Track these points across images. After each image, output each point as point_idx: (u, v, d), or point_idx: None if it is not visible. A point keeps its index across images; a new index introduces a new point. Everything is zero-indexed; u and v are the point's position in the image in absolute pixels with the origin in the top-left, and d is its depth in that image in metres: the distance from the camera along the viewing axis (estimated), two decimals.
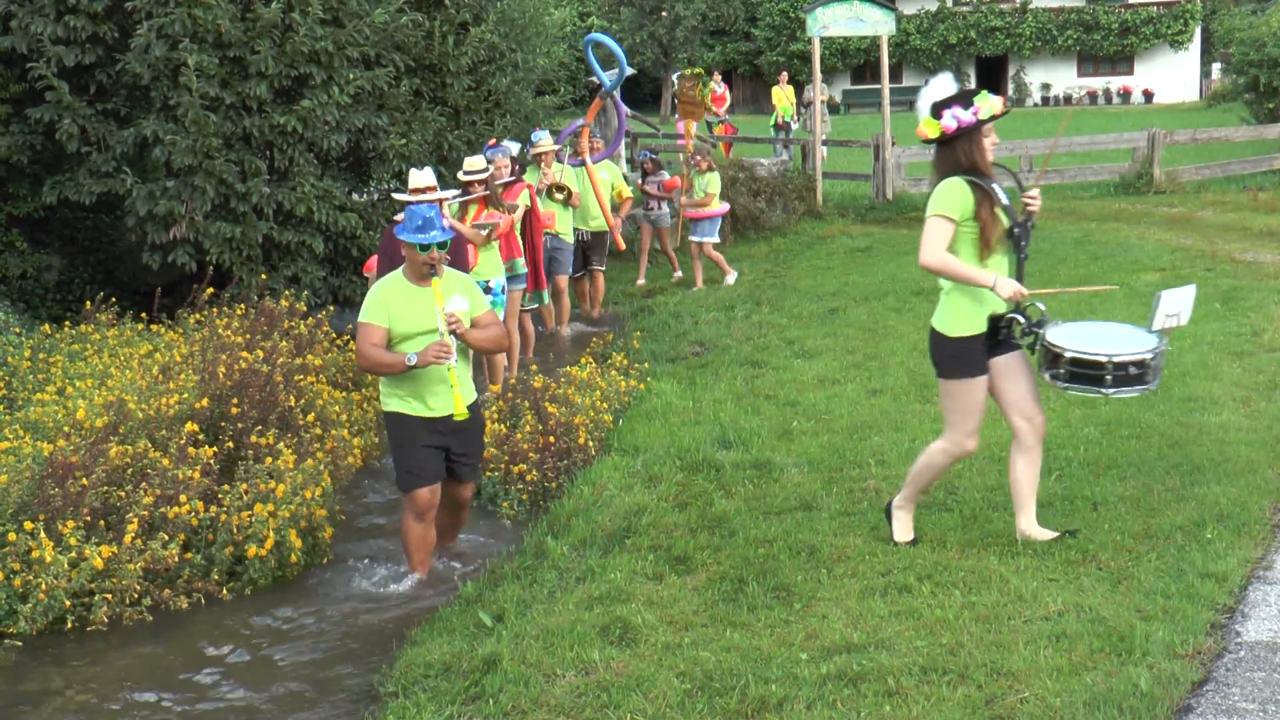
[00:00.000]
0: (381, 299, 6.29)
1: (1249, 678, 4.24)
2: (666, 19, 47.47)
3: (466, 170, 9.62)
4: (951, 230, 5.49)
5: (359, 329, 6.27)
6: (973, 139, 5.59)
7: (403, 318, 6.25)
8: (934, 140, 5.58)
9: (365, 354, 6.25)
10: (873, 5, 18.35)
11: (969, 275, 5.48)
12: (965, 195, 5.48)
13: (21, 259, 11.74)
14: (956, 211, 5.47)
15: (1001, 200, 5.54)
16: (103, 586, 6.01)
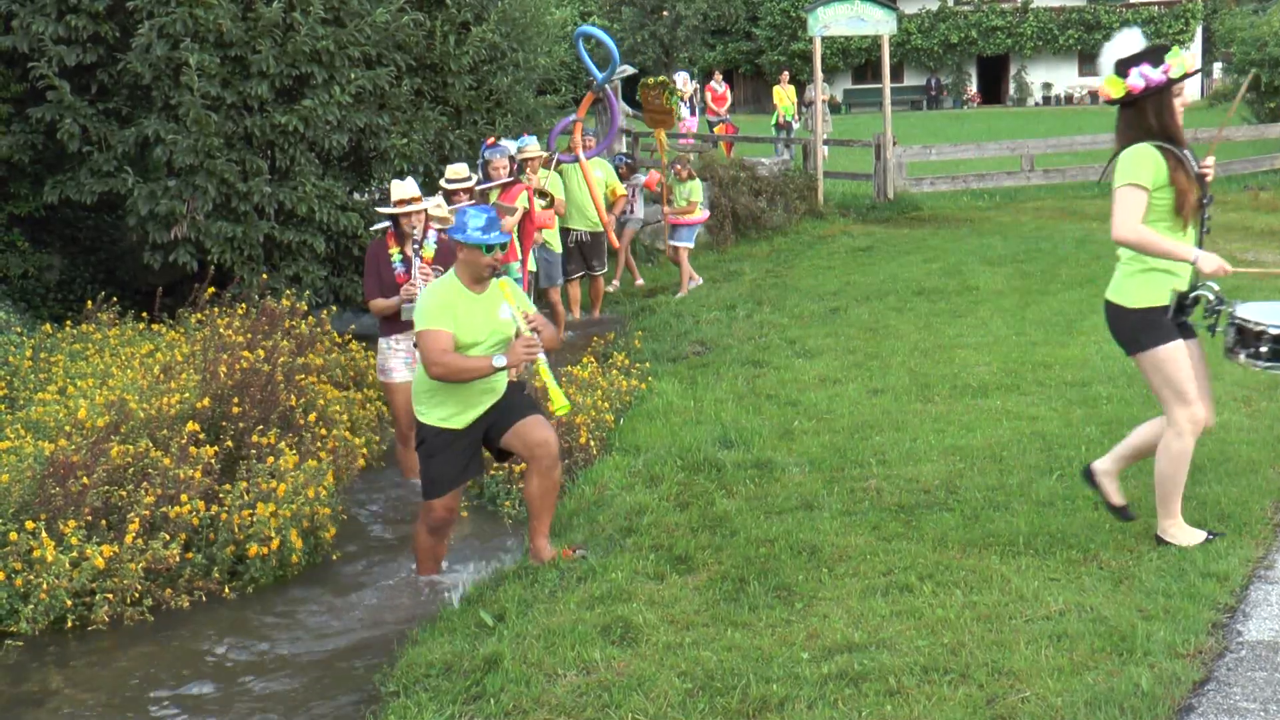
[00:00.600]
0: (444, 303, 5.94)
1: (1250, 677, 4.24)
2: (667, 18, 47.46)
3: (449, 179, 9.17)
4: (1144, 200, 5.15)
5: (424, 338, 5.90)
6: (1162, 100, 5.30)
7: (466, 326, 5.94)
8: (1118, 101, 5.25)
9: (441, 361, 5.83)
10: (874, 5, 18.35)
11: (1169, 249, 5.13)
12: (1158, 162, 5.20)
13: (23, 258, 11.74)
14: (1149, 179, 5.16)
15: (1194, 167, 5.22)
16: (104, 586, 6.02)
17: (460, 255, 6.03)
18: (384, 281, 7.71)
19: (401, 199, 7.67)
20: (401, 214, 7.66)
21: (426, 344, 5.91)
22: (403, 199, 7.67)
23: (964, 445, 7.22)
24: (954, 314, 11.20)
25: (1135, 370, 8.62)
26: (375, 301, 7.77)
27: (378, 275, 7.71)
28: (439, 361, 5.86)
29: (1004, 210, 18.49)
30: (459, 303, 5.96)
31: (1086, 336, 9.93)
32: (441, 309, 5.93)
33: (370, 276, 7.79)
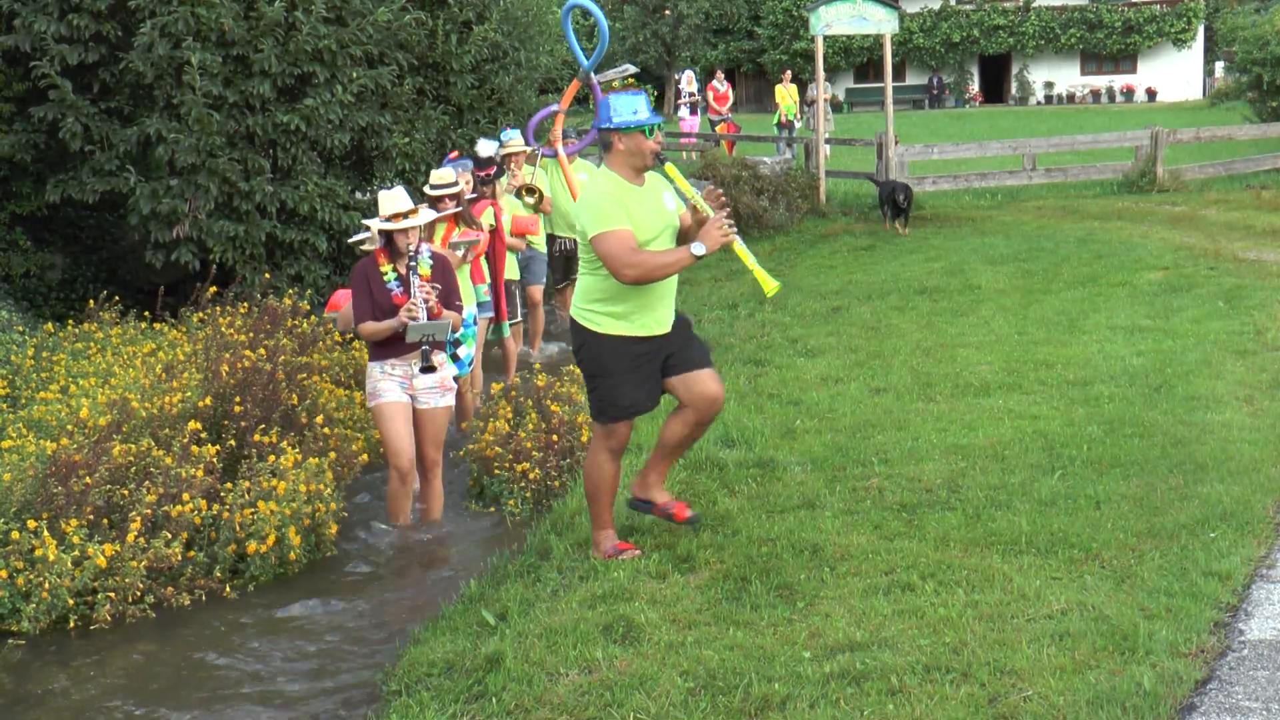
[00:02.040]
0: (616, 200, 5.49)
1: (1252, 676, 4.24)
2: (670, 17, 47.47)
3: (434, 184, 8.45)
4: None
5: (608, 240, 5.42)
6: None
7: (641, 222, 5.51)
8: None
9: (634, 261, 5.39)
10: (876, 4, 18.34)
11: None
12: None
13: (25, 258, 11.76)
14: None
15: None
16: (106, 585, 6.02)
17: (619, 145, 5.59)
18: (378, 303, 6.98)
19: (395, 213, 6.98)
20: (396, 229, 6.97)
21: (613, 246, 5.43)
22: (396, 213, 6.98)
23: (966, 444, 7.21)
24: (956, 313, 11.20)
25: (1137, 369, 8.64)
26: (366, 325, 6.97)
27: (369, 296, 6.97)
28: (633, 262, 5.42)
29: (1006, 209, 18.47)
30: (627, 198, 5.54)
31: (1088, 335, 9.92)
32: (616, 206, 5.48)
33: (360, 297, 7.01)
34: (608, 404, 5.74)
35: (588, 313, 5.70)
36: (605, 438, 5.81)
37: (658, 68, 48.25)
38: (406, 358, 6.98)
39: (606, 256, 5.48)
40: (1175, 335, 9.70)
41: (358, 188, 12.55)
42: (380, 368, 7.04)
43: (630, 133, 5.57)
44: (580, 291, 5.78)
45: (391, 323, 6.91)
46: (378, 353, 7.04)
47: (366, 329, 6.99)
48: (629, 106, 5.59)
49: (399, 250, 7.04)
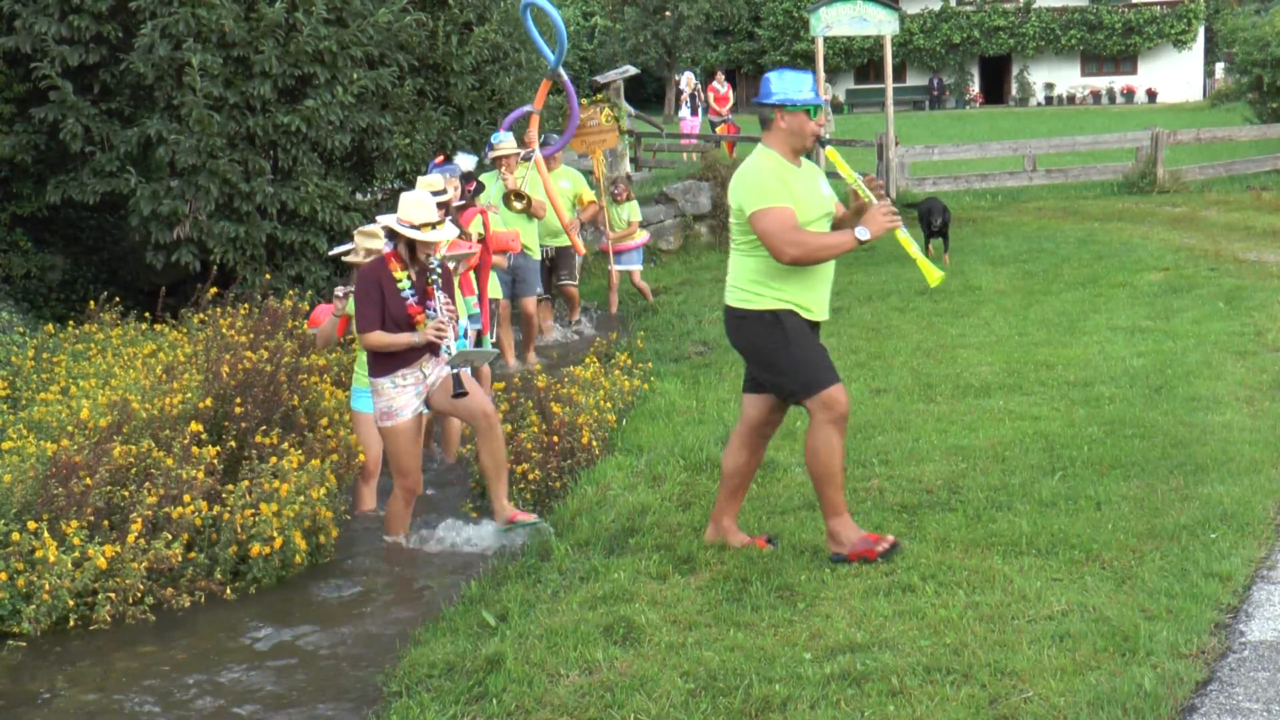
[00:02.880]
0: (779, 177, 5.31)
1: (1253, 677, 4.24)
2: (670, 18, 47.47)
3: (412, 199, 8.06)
4: None
5: (769, 216, 5.24)
6: None
7: (802, 202, 5.33)
8: None
9: (797, 240, 5.20)
10: (876, 5, 18.35)
11: None
12: None
13: (25, 259, 11.76)
14: None
15: None
16: (106, 586, 6.02)
17: (780, 124, 5.41)
18: (391, 313, 6.51)
19: (425, 223, 6.52)
20: (422, 240, 6.54)
21: (775, 224, 5.24)
22: (426, 223, 6.53)
23: (966, 445, 7.21)
24: (956, 314, 11.20)
25: (1138, 370, 8.64)
26: (376, 335, 6.51)
27: (380, 304, 6.49)
28: (795, 240, 5.23)
29: (1006, 210, 18.48)
30: (788, 176, 5.35)
31: (1089, 336, 9.92)
32: (778, 183, 5.30)
33: (369, 305, 6.49)
34: (809, 372, 5.45)
35: (749, 293, 5.46)
36: (824, 410, 5.45)
37: (658, 69, 48.25)
38: (416, 364, 6.65)
39: (766, 234, 5.27)
40: (1176, 336, 9.69)
41: (358, 189, 12.55)
42: (391, 381, 6.61)
43: (794, 111, 5.38)
44: (737, 273, 5.54)
45: (410, 338, 6.54)
46: (384, 364, 6.61)
47: (376, 340, 6.52)
48: (796, 84, 5.39)
49: (416, 258, 6.63)
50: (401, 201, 6.61)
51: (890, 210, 5.35)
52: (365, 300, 6.53)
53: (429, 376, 6.73)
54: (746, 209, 5.35)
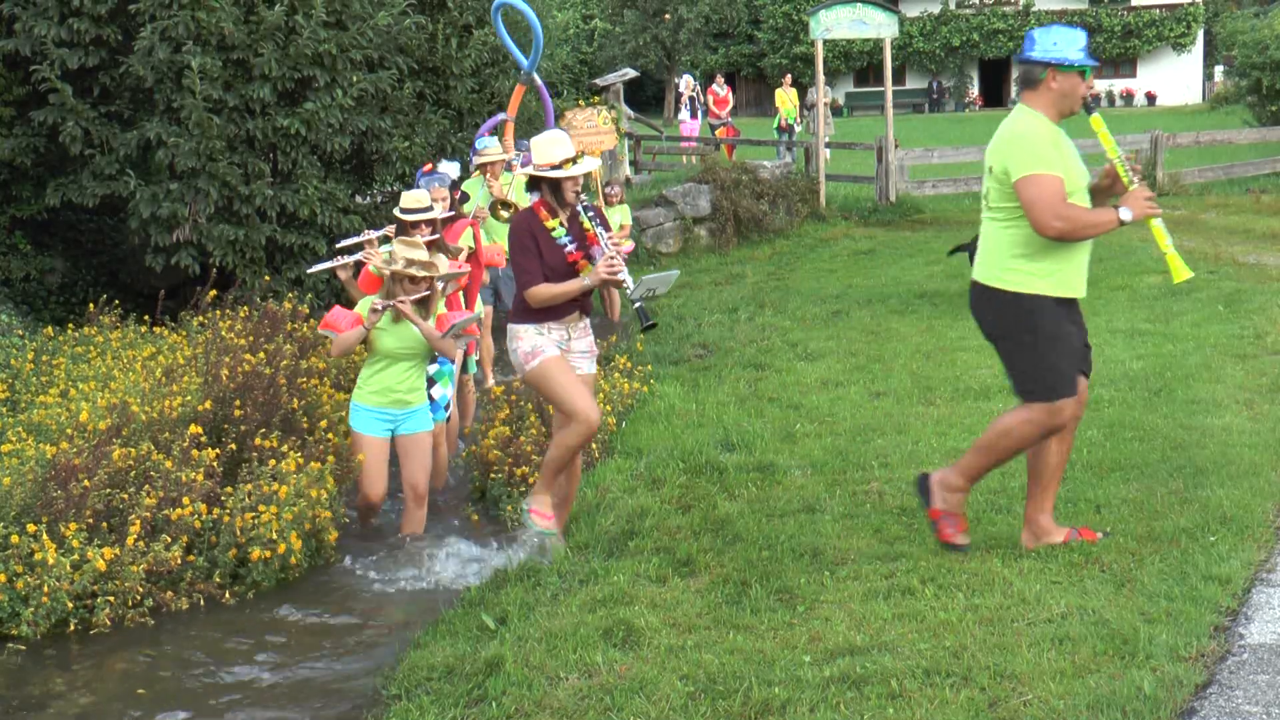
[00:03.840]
0: (1051, 142, 5.00)
1: (1252, 680, 4.24)
2: (670, 21, 47.51)
3: (406, 208, 7.55)
4: None
5: (1037, 182, 4.93)
6: None
7: (1071, 171, 5.05)
8: None
9: (1065, 215, 4.92)
10: (876, 8, 18.36)
11: None
12: None
13: (25, 261, 11.76)
14: None
15: None
16: (105, 588, 6.02)
17: (1052, 84, 5.10)
18: (548, 263, 6.08)
19: (565, 159, 6.09)
20: (566, 176, 6.07)
21: (1044, 192, 4.93)
22: (566, 159, 6.09)
23: (966, 448, 7.19)
24: (956, 316, 11.19)
25: (1137, 373, 8.64)
26: (543, 288, 6.04)
27: (538, 255, 6.05)
28: (1063, 214, 4.92)
29: None
30: (1061, 143, 5.04)
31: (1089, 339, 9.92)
32: (1052, 148, 4.98)
33: (529, 258, 6.05)
34: (1049, 378, 5.14)
35: (1007, 271, 5.12)
36: (1046, 416, 5.16)
37: (658, 72, 48.28)
38: (565, 321, 6.20)
39: (1033, 203, 4.93)
40: (1175, 339, 9.70)
41: (358, 192, 12.55)
42: (536, 329, 6.17)
43: (1068, 72, 5.05)
44: (992, 246, 5.21)
45: (580, 283, 6.10)
46: (536, 315, 6.17)
47: (544, 293, 6.06)
48: (1071, 42, 5.05)
49: (565, 201, 6.17)
50: (536, 144, 6.18)
51: (1150, 195, 5.12)
52: (523, 254, 6.09)
53: (573, 339, 6.26)
54: (1014, 173, 5.01)
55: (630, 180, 21.33)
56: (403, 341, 6.94)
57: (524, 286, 6.09)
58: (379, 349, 6.95)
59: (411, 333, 6.93)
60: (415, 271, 6.86)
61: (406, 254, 6.91)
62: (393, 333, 6.93)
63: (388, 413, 7.01)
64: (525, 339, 6.13)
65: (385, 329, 6.92)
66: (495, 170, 9.90)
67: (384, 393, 6.98)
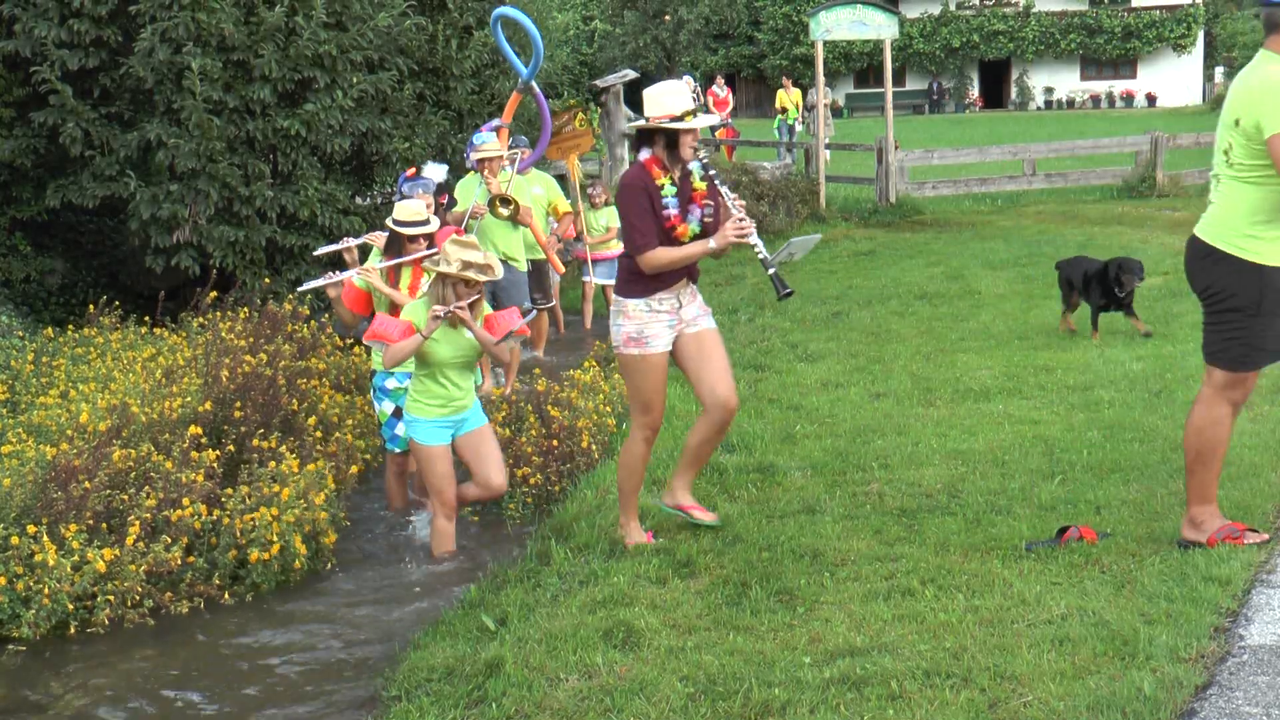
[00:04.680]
0: None
1: (1253, 681, 4.24)
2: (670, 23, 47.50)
3: (402, 220, 7.18)
4: None
5: None
6: None
7: None
8: None
9: None
10: (875, 9, 18.37)
11: None
12: None
13: (25, 262, 11.76)
14: None
15: None
16: (105, 590, 6.02)
17: None
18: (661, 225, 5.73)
19: (686, 110, 5.67)
20: (686, 129, 5.68)
21: None
22: (688, 110, 5.67)
23: (966, 449, 7.21)
24: (956, 318, 11.20)
25: (1137, 374, 8.64)
26: (660, 253, 5.66)
27: (654, 215, 5.66)
28: None
29: (1006, 214, 18.49)
30: None
31: (1089, 341, 9.93)
32: None
33: (644, 218, 5.64)
34: (1252, 348, 4.93)
35: (1245, 238, 4.81)
36: (1229, 388, 5.04)
37: (658, 73, 48.26)
38: (674, 288, 5.85)
39: None
40: (1175, 340, 9.70)
41: (358, 193, 12.55)
42: (646, 305, 5.78)
43: None
44: (1229, 206, 4.91)
45: (704, 246, 5.75)
46: (642, 285, 5.78)
47: (662, 258, 5.67)
48: None
49: (681, 156, 5.74)
50: (652, 94, 5.77)
51: None
52: (638, 214, 5.66)
53: (684, 305, 5.93)
54: (1266, 128, 4.64)
55: None
56: (458, 349, 6.56)
57: (639, 250, 5.66)
58: (433, 359, 6.51)
59: (466, 340, 6.56)
60: (472, 275, 6.38)
61: (462, 255, 6.38)
62: (447, 341, 6.52)
63: (449, 420, 6.64)
64: (633, 319, 5.77)
65: (438, 337, 6.48)
66: (494, 167, 9.59)
67: (445, 404, 6.60)
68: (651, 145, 5.76)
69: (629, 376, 5.91)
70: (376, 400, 7.40)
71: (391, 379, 7.25)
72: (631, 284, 5.80)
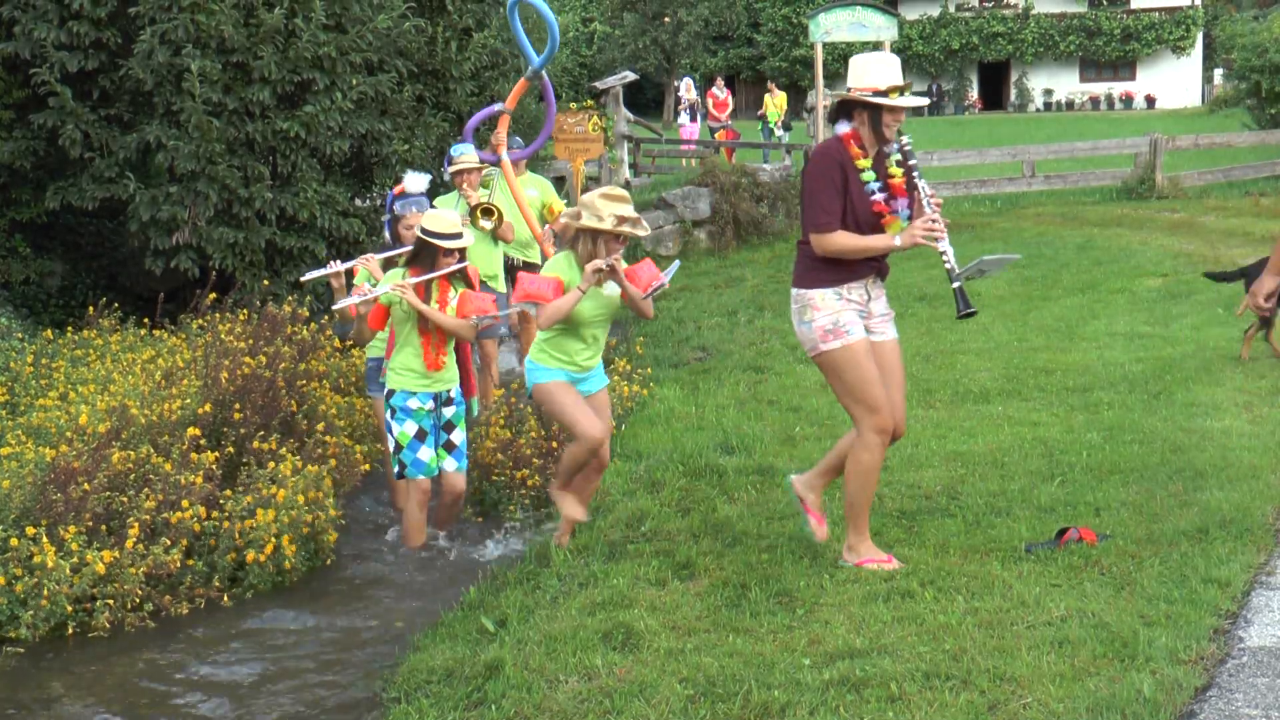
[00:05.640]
0: None
1: (1252, 683, 4.24)
2: (669, 24, 47.51)
3: (435, 231, 6.68)
4: None
5: None
6: None
7: None
8: None
9: None
10: (875, 11, 18.39)
11: None
12: None
13: (24, 264, 11.75)
14: None
15: None
16: (104, 592, 6.01)
17: None
18: (854, 207, 5.24)
19: (894, 85, 5.19)
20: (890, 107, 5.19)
21: None
22: (895, 86, 5.19)
23: (965, 451, 7.21)
24: (955, 320, 11.18)
25: (1136, 376, 8.64)
26: (841, 236, 5.19)
27: (844, 194, 5.20)
28: None
29: (1005, 216, 18.49)
30: None
31: (1088, 342, 9.93)
32: None
33: (830, 193, 5.17)
34: None
35: None
36: None
37: (657, 75, 48.29)
38: (864, 280, 5.40)
39: None
40: (1174, 342, 9.70)
41: (357, 195, 12.54)
42: (835, 293, 5.33)
43: None
44: None
45: (886, 240, 5.28)
46: (828, 274, 5.32)
47: (841, 242, 5.21)
48: None
49: (882, 136, 5.28)
50: (859, 63, 5.28)
51: None
52: (827, 190, 5.20)
53: (872, 299, 5.51)
54: None
55: (630, 183, 21.34)
56: (602, 306, 6.19)
57: (819, 228, 5.18)
58: (578, 317, 6.12)
59: (609, 296, 6.19)
60: (627, 230, 6.04)
61: (615, 210, 6.06)
62: (592, 297, 6.12)
63: (571, 376, 6.23)
64: (824, 308, 5.28)
65: (586, 295, 6.08)
66: (472, 180, 8.96)
67: (573, 361, 6.21)
68: (850, 119, 5.30)
69: (839, 376, 5.33)
70: (396, 421, 6.75)
71: (414, 398, 6.73)
72: (816, 272, 5.29)
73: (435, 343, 6.72)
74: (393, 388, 6.80)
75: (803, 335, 5.41)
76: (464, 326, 6.74)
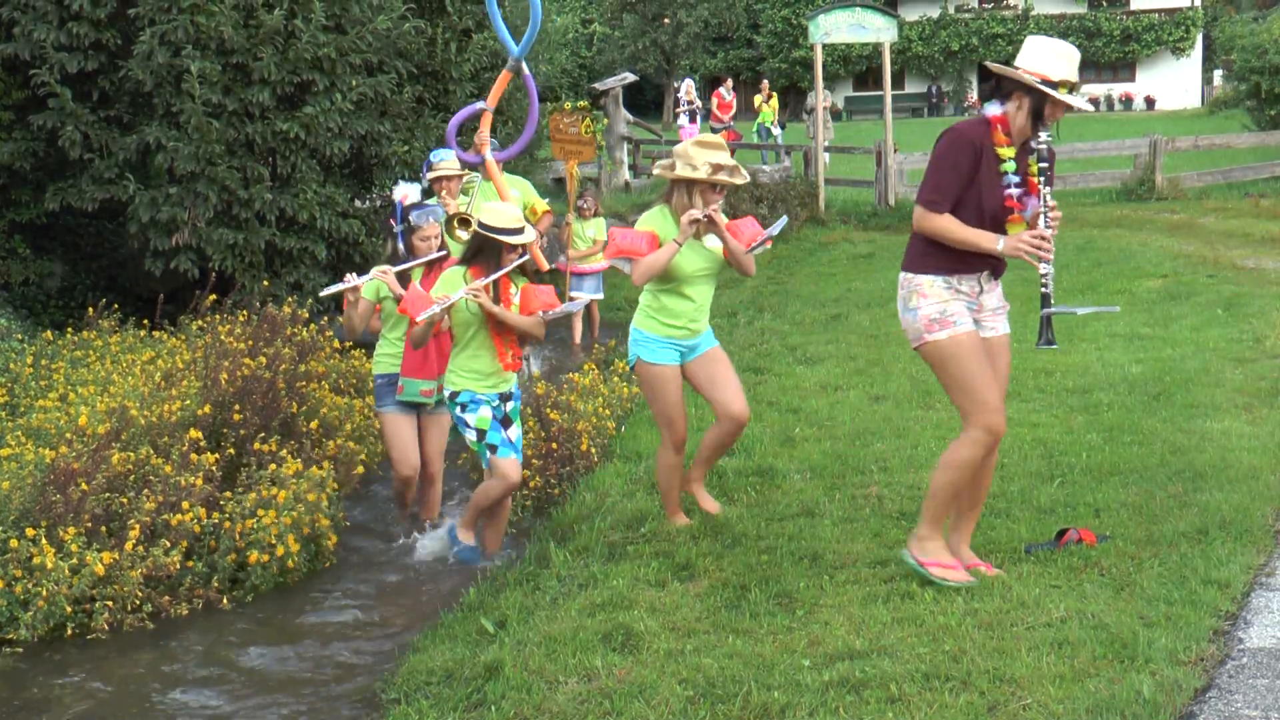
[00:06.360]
0: None
1: (1252, 684, 4.23)
2: (669, 26, 47.52)
3: (498, 226, 6.39)
4: None
5: None
6: None
7: None
8: None
9: None
10: (875, 12, 18.39)
11: None
12: None
13: (24, 265, 11.75)
14: None
15: None
16: (104, 593, 6.01)
17: None
18: (982, 199, 4.93)
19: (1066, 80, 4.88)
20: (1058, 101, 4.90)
21: None
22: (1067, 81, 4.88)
23: None
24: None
25: (1136, 377, 8.64)
26: (946, 220, 4.92)
27: (970, 177, 4.91)
28: None
29: None
30: None
31: (1087, 343, 9.93)
32: None
33: (951, 174, 4.89)
34: None
35: None
36: None
37: (657, 76, 48.30)
38: (977, 275, 5.13)
39: None
40: (1174, 343, 9.70)
41: (357, 196, 12.54)
42: (944, 281, 5.05)
43: None
44: None
45: (990, 241, 4.94)
46: (939, 261, 5.04)
47: (945, 225, 4.93)
48: None
49: (1037, 128, 4.95)
50: (1036, 44, 4.95)
51: None
52: (952, 169, 4.90)
53: (985, 293, 5.22)
54: None
55: (629, 184, 21.35)
56: (704, 260, 6.00)
57: (928, 204, 4.91)
58: (679, 272, 5.93)
59: (710, 250, 6.00)
60: (724, 178, 5.82)
61: (709, 158, 5.81)
62: (693, 251, 5.95)
63: (682, 344, 6.16)
64: (932, 296, 5.00)
65: (686, 249, 5.89)
66: (451, 187, 8.65)
67: (683, 323, 6.07)
68: (1005, 100, 4.96)
69: (945, 369, 5.07)
70: (469, 414, 6.43)
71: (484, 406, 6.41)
72: (929, 257, 5.00)
73: (508, 342, 6.48)
74: (455, 389, 6.47)
75: (907, 324, 5.12)
76: (535, 324, 6.46)
